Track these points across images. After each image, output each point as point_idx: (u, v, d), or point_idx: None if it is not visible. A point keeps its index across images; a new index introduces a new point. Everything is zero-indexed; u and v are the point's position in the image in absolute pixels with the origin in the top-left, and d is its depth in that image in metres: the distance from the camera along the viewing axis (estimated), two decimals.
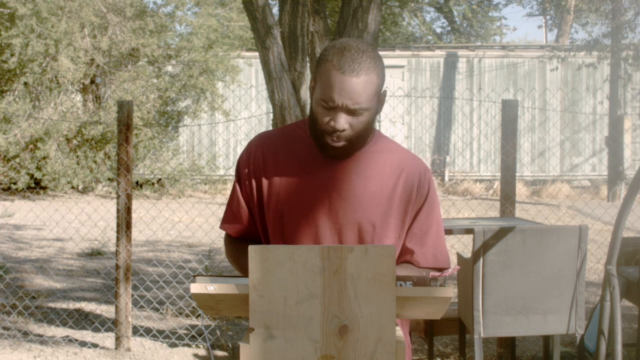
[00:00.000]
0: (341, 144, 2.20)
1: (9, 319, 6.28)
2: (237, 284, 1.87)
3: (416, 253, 2.29)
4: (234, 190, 2.39)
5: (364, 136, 2.22)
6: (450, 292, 1.85)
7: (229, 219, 2.40)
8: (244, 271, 2.28)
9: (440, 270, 2.32)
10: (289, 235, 2.26)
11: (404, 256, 2.30)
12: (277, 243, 2.28)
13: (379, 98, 2.21)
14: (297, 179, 2.28)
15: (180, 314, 6.54)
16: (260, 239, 2.37)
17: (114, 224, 9.55)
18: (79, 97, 15.95)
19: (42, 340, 5.76)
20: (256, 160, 2.33)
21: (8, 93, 14.84)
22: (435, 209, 2.33)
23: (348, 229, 2.24)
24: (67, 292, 7.33)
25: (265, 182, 2.31)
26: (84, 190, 15.76)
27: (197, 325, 6.10)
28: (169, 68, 15.93)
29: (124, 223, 5.62)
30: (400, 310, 1.87)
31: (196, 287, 1.88)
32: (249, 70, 17.17)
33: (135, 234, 8.74)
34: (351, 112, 2.15)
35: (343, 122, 2.16)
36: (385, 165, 2.28)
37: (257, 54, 10.69)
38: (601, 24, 17.35)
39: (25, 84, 14.69)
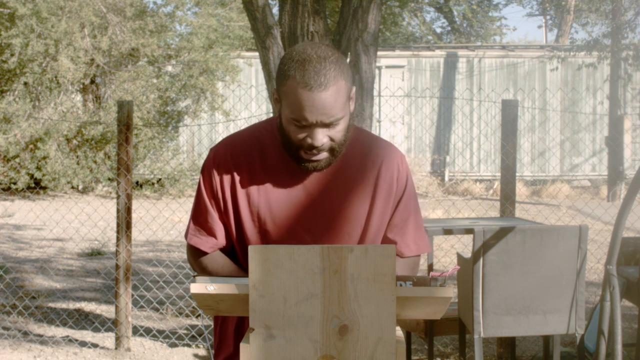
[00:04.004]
0: (323, 156, 2.12)
1: (9, 319, 6.28)
2: (237, 284, 1.87)
3: (399, 244, 2.27)
4: (201, 200, 2.23)
5: (345, 142, 2.15)
6: (450, 292, 1.85)
7: (200, 233, 2.24)
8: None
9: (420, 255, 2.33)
10: None
11: None
12: None
13: (350, 97, 2.12)
14: (277, 189, 2.19)
15: (180, 314, 6.54)
16: (231, 251, 2.28)
17: (114, 224, 9.55)
18: (79, 97, 15.95)
19: (42, 340, 5.76)
20: (227, 170, 2.20)
21: (8, 93, 14.84)
22: (412, 196, 2.29)
23: (338, 233, 2.22)
24: (67, 292, 7.33)
25: (240, 194, 2.19)
26: (84, 190, 15.76)
27: (197, 325, 6.10)
28: (169, 68, 15.93)
29: (124, 223, 5.62)
30: (400, 310, 1.87)
31: (196, 287, 1.88)
32: (249, 70, 17.17)
33: (135, 234, 8.74)
34: (327, 125, 2.06)
35: (321, 137, 2.07)
36: (363, 160, 2.23)
37: (257, 54, 10.69)
38: (601, 24, 17.36)
39: (25, 84, 14.70)
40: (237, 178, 2.19)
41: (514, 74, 17.83)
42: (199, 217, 2.24)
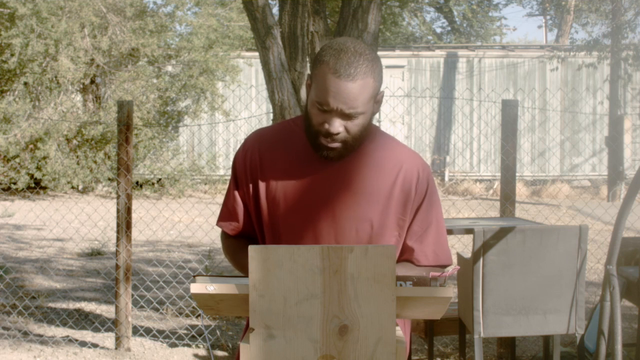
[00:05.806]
0: (336, 145, 2.18)
1: (9, 319, 6.28)
2: (237, 284, 1.87)
3: (416, 251, 2.28)
4: (230, 187, 2.38)
5: (360, 138, 2.20)
6: (450, 292, 1.85)
7: (225, 216, 2.38)
8: (241, 268, 2.29)
9: (442, 267, 2.32)
10: (286, 234, 2.25)
11: (405, 254, 2.29)
12: (274, 242, 2.27)
13: (376, 99, 2.19)
14: (294, 177, 2.26)
15: (180, 314, 6.54)
16: (256, 236, 2.36)
17: (114, 224, 9.55)
18: (79, 97, 15.95)
19: (42, 340, 5.76)
20: (253, 158, 2.31)
21: (8, 93, 14.84)
22: (435, 205, 2.31)
23: (346, 228, 2.23)
24: (67, 292, 7.33)
25: (262, 180, 2.29)
26: (84, 190, 15.76)
27: (197, 325, 6.10)
28: (169, 68, 15.93)
29: (124, 223, 5.62)
30: (400, 310, 1.87)
31: (196, 287, 1.88)
32: (249, 70, 17.16)
33: (135, 234, 8.73)
34: (346, 116, 2.13)
35: (337, 125, 2.14)
36: (383, 162, 2.27)
37: (257, 54, 10.69)
38: (601, 24, 17.36)
39: (25, 84, 14.69)
40: (261, 165, 2.30)
41: (514, 74, 17.83)
42: (227, 202, 2.39)
